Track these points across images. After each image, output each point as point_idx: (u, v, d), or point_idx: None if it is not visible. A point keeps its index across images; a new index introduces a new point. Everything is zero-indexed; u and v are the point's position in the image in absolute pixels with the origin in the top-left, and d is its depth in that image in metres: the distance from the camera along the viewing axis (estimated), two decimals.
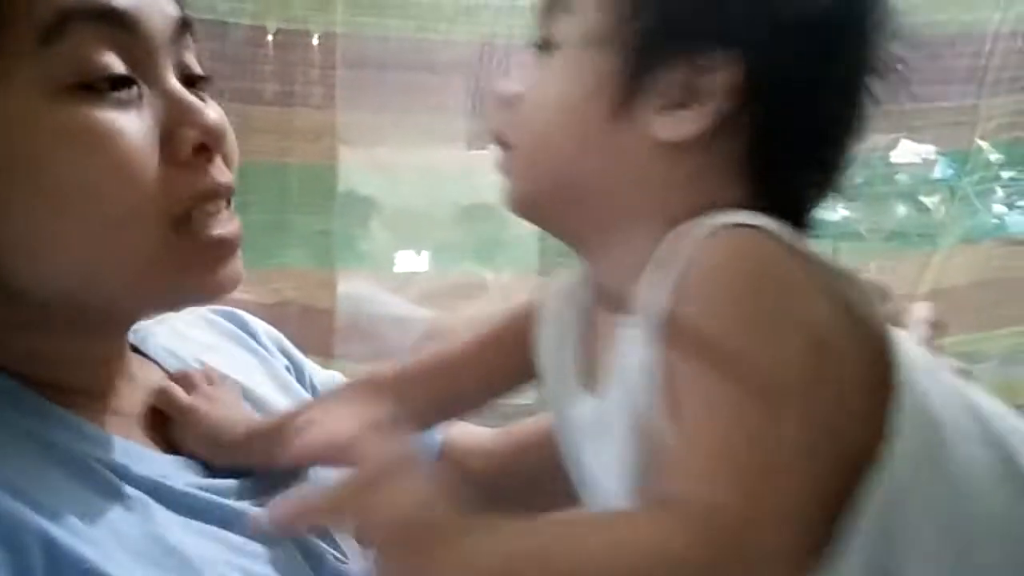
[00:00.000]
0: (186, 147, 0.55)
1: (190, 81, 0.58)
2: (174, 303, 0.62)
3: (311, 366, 0.82)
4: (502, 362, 0.65)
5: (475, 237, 1.74)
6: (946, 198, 1.77)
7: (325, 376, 0.82)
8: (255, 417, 0.68)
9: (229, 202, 0.59)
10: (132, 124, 0.53)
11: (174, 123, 0.55)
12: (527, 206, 0.56)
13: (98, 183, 0.52)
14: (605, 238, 0.53)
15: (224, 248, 0.58)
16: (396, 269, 1.87)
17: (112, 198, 0.52)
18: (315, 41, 1.36)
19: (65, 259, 0.54)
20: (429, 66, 1.52)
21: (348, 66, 1.40)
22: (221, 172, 0.57)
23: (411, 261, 1.89)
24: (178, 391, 0.66)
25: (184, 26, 0.58)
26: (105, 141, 0.52)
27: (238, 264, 0.59)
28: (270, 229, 1.46)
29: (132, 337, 0.67)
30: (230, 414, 0.65)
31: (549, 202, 0.54)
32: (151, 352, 0.70)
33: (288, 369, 0.78)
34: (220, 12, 1.35)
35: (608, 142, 0.50)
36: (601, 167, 0.51)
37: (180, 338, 0.73)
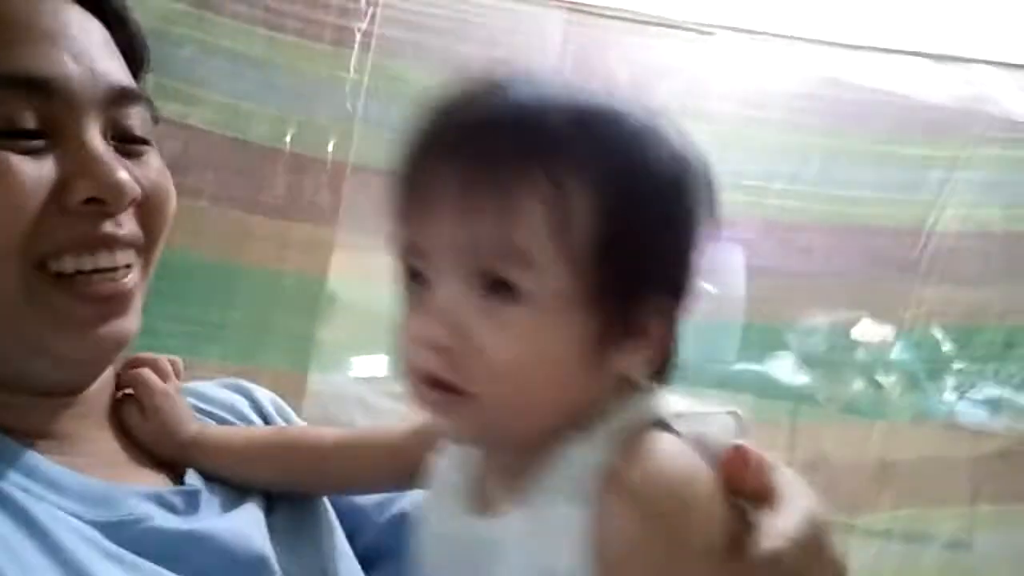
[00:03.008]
0: (75, 196, 0.57)
1: (130, 142, 0.62)
2: (54, 356, 0.60)
3: None
4: (387, 466, 0.68)
5: None
6: (901, 379, 1.85)
7: None
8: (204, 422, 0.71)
9: (142, 262, 0.61)
10: (26, 167, 0.56)
11: (73, 174, 0.57)
12: (485, 440, 0.57)
13: None
14: (541, 438, 0.55)
15: (103, 305, 0.59)
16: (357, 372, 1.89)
17: None
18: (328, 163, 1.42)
19: None
20: None
21: (355, 189, 1.45)
22: (118, 225, 0.59)
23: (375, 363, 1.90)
24: (153, 377, 0.70)
25: (123, 95, 0.61)
26: None
27: (123, 324, 0.60)
28: (255, 329, 1.48)
29: None
30: (186, 411, 0.69)
31: (509, 433, 0.55)
32: None
33: None
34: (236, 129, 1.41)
35: (583, 382, 0.54)
36: (572, 400, 0.54)
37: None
